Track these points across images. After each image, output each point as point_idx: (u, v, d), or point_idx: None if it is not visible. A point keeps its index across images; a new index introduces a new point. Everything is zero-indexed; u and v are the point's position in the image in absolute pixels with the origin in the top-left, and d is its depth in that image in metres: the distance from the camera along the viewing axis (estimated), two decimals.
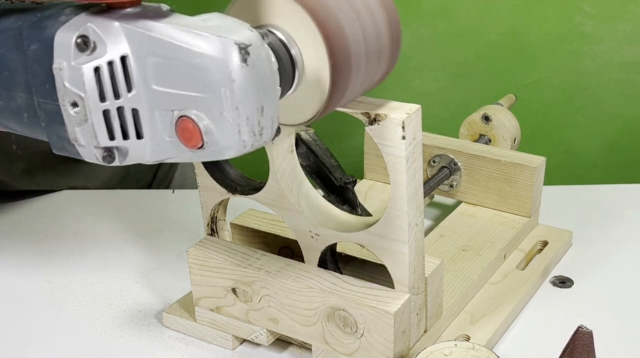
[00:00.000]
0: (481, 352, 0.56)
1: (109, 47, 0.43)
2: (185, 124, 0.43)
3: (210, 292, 0.66)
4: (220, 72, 0.42)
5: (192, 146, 0.44)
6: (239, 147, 0.44)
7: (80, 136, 0.45)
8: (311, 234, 0.61)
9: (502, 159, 0.80)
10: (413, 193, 0.56)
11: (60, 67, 0.44)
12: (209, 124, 0.43)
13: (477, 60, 1.33)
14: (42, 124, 0.47)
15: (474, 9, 1.30)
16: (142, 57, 0.43)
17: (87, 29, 0.44)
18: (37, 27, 0.46)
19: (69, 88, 0.44)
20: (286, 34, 0.48)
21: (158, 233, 0.86)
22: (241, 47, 0.42)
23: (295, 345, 0.67)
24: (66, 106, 0.44)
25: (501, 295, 0.71)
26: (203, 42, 0.42)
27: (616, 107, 1.33)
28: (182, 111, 0.43)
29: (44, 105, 0.46)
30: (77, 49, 0.43)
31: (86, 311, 0.73)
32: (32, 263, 0.81)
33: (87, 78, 0.43)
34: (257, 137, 0.44)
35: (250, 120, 0.43)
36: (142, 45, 0.43)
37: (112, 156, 0.46)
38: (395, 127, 0.53)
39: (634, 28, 1.27)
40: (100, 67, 0.43)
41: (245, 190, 0.64)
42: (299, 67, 0.49)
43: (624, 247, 0.81)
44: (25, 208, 0.93)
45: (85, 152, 0.46)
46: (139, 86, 0.44)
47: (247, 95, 0.42)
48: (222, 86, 0.42)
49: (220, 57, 0.42)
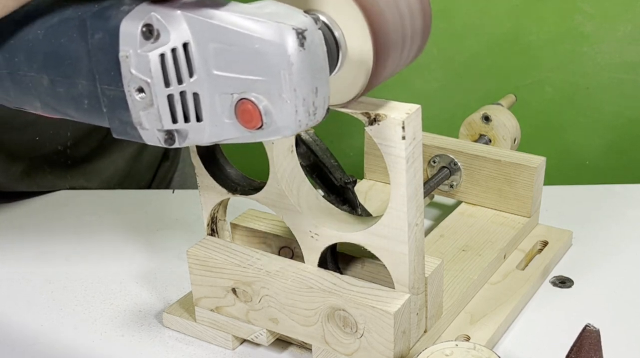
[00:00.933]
0: (482, 352, 0.56)
1: (172, 34, 0.45)
2: (245, 106, 0.45)
3: (210, 292, 0.66)
4: (279, 56, 0.44)
5: (251, 127, 0.46)
6: (295, 127, 0.46)
7: (145, 120, 0.47)
8: (311, 234, 0.61)
9: (502, 159, 0.80)
10: (413, 193, 0.56)
11: (126, 55, 0.45)
12: (268, 105, 0.45)
13: (477, 60, 1.33)
14: (103, 110, 0.49)
15: (474, 9, 1.30)
16: (203, 44, 0.45)
17: (151, 17, 0.45)
18: (101, 17, 0.47)
19: (136, 74, 0.45)
20: (329, 17, 0.51)
21: (158, 233, 0.86)
22: (298, 32, 0.44)
23: (295, 345, 0.67)
24: (132, 92, 0.46)
25: (501, 295, 0.71)
26: (262, 27, 0.44)
27: (616, 107, 1.33)
28: (242, 94, 0.45)
29: (107, 91, 0.48)
30: (142, 37, 0.45)
31: (86, 311, 0.73)
32: (32, 264, 0.81)
33: (153, 65, 0.45)
34: (311, 117, 0.46)
35: (306, 100, 0.45)
36: (203, 32, 0.45)
37: (172, 138, 0.48)
38: (395, 127, 0.53)
39: (634, 28, 1.27)
40: (165, 54, 0.45)
41: (245, 190, 0.64)
42: (343, 48, 0.51)
43: (624, 247, 0.81)
44: (25, 208, 0.93)
45: (147, 135, 0.48)
46: (201, 71, 0.46)
47: (303, 78, 0.44)
48: (281, 69, 0.44)
49: (279, 42, 0.44)
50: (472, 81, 1.35)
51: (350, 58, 0.52)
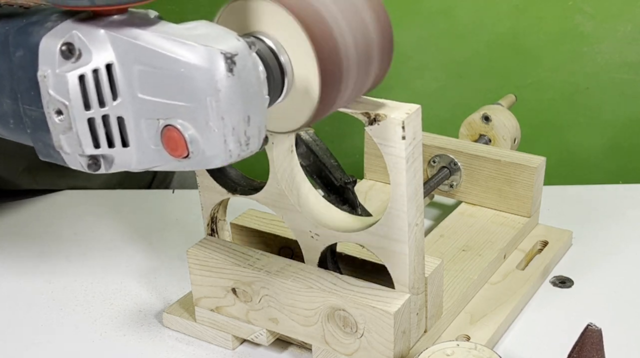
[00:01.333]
0: (483, 352, 0.56)
1: (95, 54, 0.43)
2: (170, 133, 0.43)
3: (210, 292, 0.66)
4: (205, 81, 0.42)
5: (177, 155, 0.44)
6: (225, 157, 0.43)
7: (65, 144, 0.45)
8: (311, 234, 0.61)
9: (502, 159, 0.80)
10: (413, 193, 0.56)
11: (44, 75, 0.43)
12: (195, 133, 0.43)
13: (477, 60, 1.33)
14: (27, 131, 0.47)
15: (474, 9, 1.30)
16: (127, 65, 0.43)
17: (73, 36, 0.43)
18: (23, 33, 0.45)
19: (54, 96, 0.43)
20: (275, 41, 0.48)
21: (158, 233, 0.86)
22: (227, 56, 0.42)
23: (295, 345, 0.67)
24: (51, 114, 0.44)
25: (501, 295, 0.71)
26: (189, 51, 0.42)
27: (616, 107, 1.32)
28: (168, 120, 0.43)
29: (29, 112, 0.46)
30: (61, 57, 0.43)
31: (86, 311, 0.73)
32: (32, 264, 0.81)
33: (71, 86, 0.43)
34: (243, 147, 0.44)
35: (236, 130, 0.43)
36: (128, 53, 0.43)
37: (97, 164, 0.45)
38: (395, 127, 0.53)
39: (634, 28, 1.27)
40: (85, 75, 0.43)
41: (245, 190, 0.64)
42: (289, 74, 0.48)
43: (624, 247, 0.81)
44: (25, 208, 0.93)
45: (70, 159, 0.46)
46: (125, 94, 0.44)
47: (233, 105, 0.42)
48: (207, 96, 0.42)
49: (206, 67, 0.41)
50: (472, 81, 1.34)
51: (297, 85, 0.49)
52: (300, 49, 0.47)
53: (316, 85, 0.48)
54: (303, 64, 0.48)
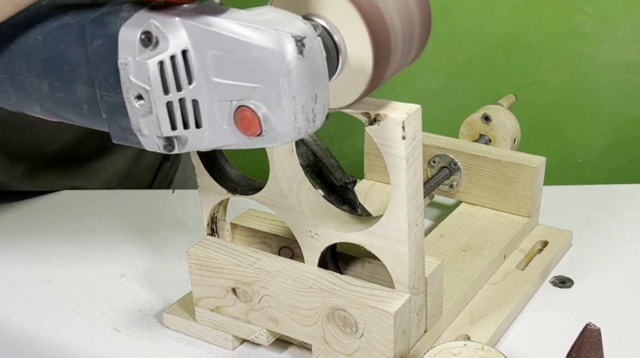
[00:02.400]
0: (490, 352, 0.56)
1: (171, 42, 0.45)
2: (244, 113, 0.45)
3: (210, 292, 0.66)
4: (278, 63, 0.44)
5: (250, 134, 0.46)
6: (294, 134, 0.45)
7: (144, 127, 0.47)
8: (311, 234, 0.61)
9: (502, 159, 0.80)
10: (413, 193, 0.56)
11: (125, 62, 0.45)
12: (267, 112, 0.45)
13: (477, 60, 1.33)
14: (103, 116, 0.49)
15: (474, 9, 1.30)
16: (202, 51, 0.45)
17: (150, 25, 0.45)
18: (100, 24, 0.47)
19: (134, 82, 0.45)
20: (328, 21, 0.50)
21: (158, 233, 0.86)
22: (297, 39, 0.44)
23: (295, 345, 0.67)
24: (131, 99, 0.46)
25: (501, 295, 0.71)
26: (261, 35, 0.44)
27: (616, 107, 1.33)
28: (241, 101, 0.45)
29: (107, 98, 0.48)
30: (141, 45, 0.45)
31: (86, 311, 0.73)
32: (32, 264, 0.81)
33: (152, 72, 0.45)
34: (310, 124, 0.46)
35: (305, 108, 0.45)
36: (202, 39, 0.45)
37: (172, 145, 0.48)
38: (395, 127, 0.53)
39: (634, 28, 1.27)
40: (163, 61, 0.45)
41: (245, 190, 0.64)
42: (342, 52, 0.51)
43: (624, 247, 0.81)
44: (25, 209, 0.93)
45: (147, 141, 0.48)
46: (200, 78, 0.46)
47: (303, 85, 0.44)
48: (280, 77, 0.44)
49: (278, 50, 0.43)
50: (472, 81, 1.35)
51: (350, 62, 0.51)
52: (352, 28, 0.50)
53: (369, 62, 0.50)
54: (355, 42, 0.50)
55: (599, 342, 0.54)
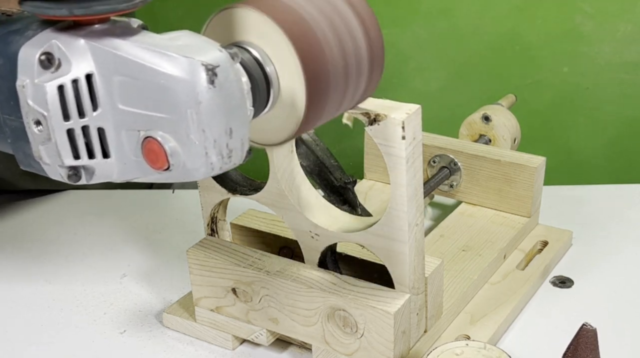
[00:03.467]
0: (492, 351, 0.56)
1: (74, 64, 0.42)
2: (151, 145, 0.43)
3: (210, 292, 0.66)
4: (186, 93, 0.41)
5: (158, 167, 0.43)
6: (206, 170, 0.43)
7: (45, 154, 0.44)
8: (311, 234, 0.61)
9: (502, 159, 0.80)
10: (413, 193, 0.56)
11: (23, 85, 0.43)
12: (175, 145, 0.42)
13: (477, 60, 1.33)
14: (8, 140, 0.46)
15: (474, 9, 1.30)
16: (108, 76, 0.43)
17: (52, 45, 0.43)
18: (3, 42, 0.45)
19: (32, 106, 0.43)
20: (261, 51, 0.47)
21: (158, 233, 0.86)
22: (208, 68, 0.41)
23: (295, 345, 0.67)
24: (30, 124, 0.43)
25: (501, 295, 0.71)
26: (169, 62, 0.41)
27: (616, 107, 1.32)
28: (148, 132, 0.42)
29: (9, 121, 0.45)
30: (40, 66, 0.43)
31: (86, 311, 0.73)
32: (33, 264, 0.81)
33: (50, 96, 0.42)
34: (225, 160, 0.43)
35: (217, 142, 0.42)
36: (108, 63, 0.42)
37: (78, 175, 0.45)
38: (395, 127, 0.53)
39: (634, 28, 1.27)
40: (64, 85, 0.42)
41: (245, 190, 0.64)
42: (274, 85, 0.48)
43: (623, 247, 0.81)
44: (25, 209, 0.93)
45: (50, 170, 0.45)
46: (105, 105, 0.43)
47: (214, 118, 0.41)
48: (188, 108, 0.41)
49: (187, 79, 0.41)
50: (472, 81, 1.34)
51: (284, 96, 0.48)
52: (286, 59, 0.47)
53: (303, 96, 0.47)
54: (289, 75, 0.47)
55: (595, 342, 0.54)
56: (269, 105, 0.48)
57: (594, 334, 0.54)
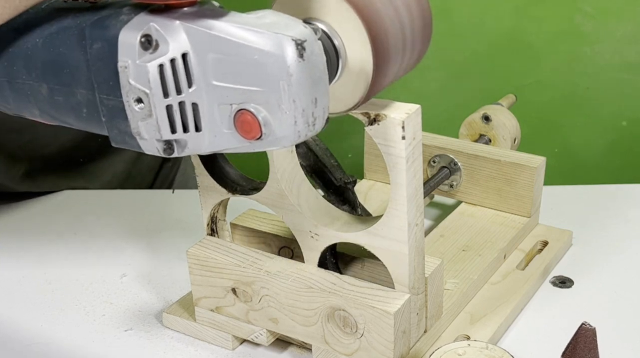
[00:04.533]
0: (495, 351, 0.56)
1: (171, 45, 0.45)
2: (244, 116, 0.45)
3: (210, 292, 0.66)
4: (278, 67, 0.44)
5: (250, 137, 0.46)
6: (294, 137, 0.45)
7: (144, 130, 0.47)
8: (311, 234, 0.61)
9: (502, 158, 0.80)
10: (413, 193, 0.56)
11: (125, 65, 0.45)
12: (267, 116, 0.45)
13: (477, 60, 1.33)
14: (102, 119, 0.49)
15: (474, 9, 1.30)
16: (202, 54, 0.45)
17: (150, 28, 0.45)
18: (99, 27, 0.47)
19: (134, 85, 0.45)
20: (328, 25, 0.50)
21: (158, 233, 0.86)
22: (297, 43, 0.44)
23: (295, 345, 0.67)
24: (130, 102, 0.46)
25: (501, 295, 0.71)
26: (261, 38, 0.44)
27: (616, 107, 1.33)
28: (241, 104, 0.45)
29: (106, 101, 0.48)
30: (141, 48, 0.45)
31: (86, 311, 0.73)
32: (33, 264, 0.81)
33: (152, 75, 0.45)
34: (310, 127, 0.46)
35: (305, 111, 0.45)
36: (202, 42, 0.45)
37: (171, 148, 0.47)
38: (395, 127, 0.53)
39: (634, 28, 1.27)
40: (164, 65, 0.45)
41: (245, 190, 0.64)
42: (342, 57, 0.51)
43: (624, 247, 0.81)
44: (25, 209, 0.93)
45: (146, 145, 0.48)
46: (199, 82, 0.46)
47: (303, 89, 0.44)
48: (280, 80, 0.44)
49: (278, 53, 0.44)
50: (472, 81, 1.35)
51: (350, 66, 0.51)
52: (351, 32, 0.50)
53: (369, 66, 0.50)
54: (355, 46, 0.50)
55: (594, 342, 0.54)
56: (337, 75, 0.51)
57: (592, 333, 0.54)
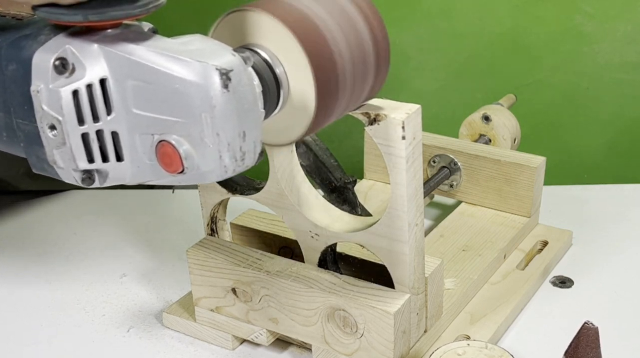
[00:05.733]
0: (494, 350, 0.56)
1: (88, 69, 0.43)
2: (165, 148, 0.43)
3: (210, 292, 0.66)
4: (201, 97, 0.41)
5: (172, 171, 0.44)
6: (220, 172, 0.43)
7: (59, 158, 0.45)
8: (311, 234, 0.61)
9: (502, 158, 0.80)
10: (413, 193, 0.56)
11: (37, 90, 0.43)
12: (189, 149, 0.43)
13: (477, 60, 1.33)
14: (21, 144, 0.47)
15: (474, 9, 1.30)
16: (121, 80, 0.43)
17: (66, 50, 0.43)
18: (16, 47, 0.45)
19: (47, 111, 0.43)
20: (270, 53, 0.48)
21: (158, 233, 0.86)
22: (222, 72, 0.41)
23: (295, 345, 0.67)
24: (44, 128, 0.44)
25: (501, 295, 0.71)
26: (183, 67, 0.42)
27: (616, 107, 1.32)
28: (162, 135, 0.43)
29: (22, 125, 0.46)
30: (55, 71, 0.43)
31: (86, 311, 0.73)
32: (33, 264, 0.81)
33: (65, 101, 0.43)
34: (239, 162, 0.43)
35: (231, 145, 0.42)
36: (122, 68, 0.43)
37: (91, 178, 0.45)
38: (395, 127, 0.53)
39: (634, 28, 1.27)
40: (78, 90, 0.43)
41: (245, 190, 0.64)
42: (284, 87, 0.48)
43: (624, 247, 0.81)
44: (25, 209, 0.93)
45: (64, 173, 0.46)
46: (119, 109, 0.43)
47: (228, 121, 0.42)
48: (202, 112, 0.41)
49: (201, 83, 0.41)
50: (472, 81, 1.34)
51: (293, 97, 0.48)
52: (296, 61, 0.47)
53: (312, 96, 0.47)
54: (299, 76, 0.47)
55: (597, 341, 0.54)
56: (279, 106, 0.48)
57: (595, 333, 0.54)
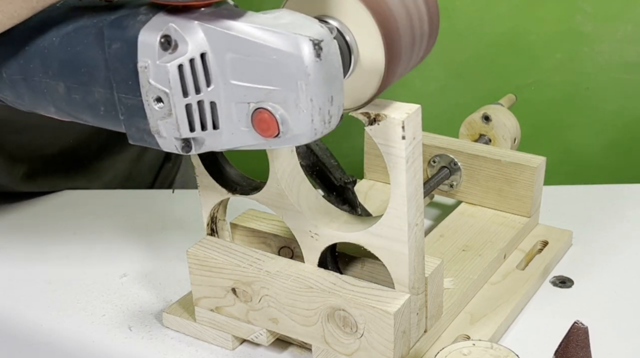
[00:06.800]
0: (500, 350, 0.56)
1: (190, 45, 0.46)
2: (262, 115, 0.46)
3: (210, 292, 0.66)
4: (296, 67, 0.45)
5: (268, 135, 0.47)
6: (311, 135, 0.47)
7: (163, 129, 0.48)
8: (311, 234, 0.61)
9: (502, 159, 0.80)
10: (413, 193, 0.56)
11: (145, 66, 0.46)
12: (285, 114, 0.46)
13: (477, 60, 1.33)
14: (121, 117, 0.49)
15: (474, 9, 1.30)
16: (220, 54, 0.46)
17: (169, 28, 0.46)
18: (118, 27, 0.48)
19: (154, 85, 0.46)
20: (341, 23, 0.51)
21: (158, 233, 0.86)
22: (314, 42, 0.45)
23: (295, 345, 0.67)
24: (150, 101, 0.47)
25: (501, 295, 0.71)
26: (279, 39, 0.45)
27: (616, 107, 1.33)
28: (259, 103, 0.46)
29: (125, 100, 0.48)
30: (161, 48, 0.46)
31: (86, 311, 0.73)
32: (32, 264, 0.81)
33: (172, 75, 0.46)
34: (326, 125, 0.47)
35: (322, 109, 0.46)
36: (220, 42, 0.46)
37: (189, 146, 0.48)
38: (395, 127, 0.53)
39: (634, 28, 1.27)
40: (183, 65, 0.46)
41: (245, 190, 0.64)
42: (355, 53, 0.52)
43: (624, 247, 0.81)
44: (25, 209, 0.93)
45: (165, 143, 0.49)
46: (218, 81, 0.47)
47: (320, 87, 0.45)
48: (298, 80, 0.45)
49: (296, 53, 0.44)
50: (472, 81, 1.34)
51: (362, 62, 0.52)
52: (363, 29, 0.51)
53: (381, 62, 0.51)
54: (367, 42, 0.51)
55: (586, 340, 0.54)
56: (350, 71, 0.52)
57: (584, 332, 0.54)
